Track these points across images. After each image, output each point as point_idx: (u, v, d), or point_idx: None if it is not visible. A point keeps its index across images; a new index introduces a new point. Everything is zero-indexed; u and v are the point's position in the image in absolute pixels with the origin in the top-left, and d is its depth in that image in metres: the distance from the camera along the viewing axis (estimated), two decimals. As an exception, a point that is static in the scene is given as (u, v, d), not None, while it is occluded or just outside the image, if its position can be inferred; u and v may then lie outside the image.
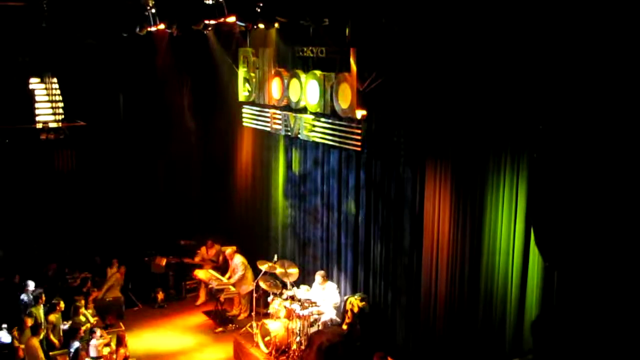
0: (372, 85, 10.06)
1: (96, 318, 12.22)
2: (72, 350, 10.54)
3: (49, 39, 15.18)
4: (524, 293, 8.04)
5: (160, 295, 14.23)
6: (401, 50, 9.56)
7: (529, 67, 7.62)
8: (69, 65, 16.53)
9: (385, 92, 10.16)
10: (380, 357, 9.60)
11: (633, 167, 6.54)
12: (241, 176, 15.27)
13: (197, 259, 14.53)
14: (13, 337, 10.77)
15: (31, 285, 12.14)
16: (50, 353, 10.84)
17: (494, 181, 8.40)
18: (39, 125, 16.68)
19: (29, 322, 10.87)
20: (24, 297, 11.92)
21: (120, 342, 10.64)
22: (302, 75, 11.79)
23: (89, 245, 15.61)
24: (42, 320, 11.28)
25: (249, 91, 13.60)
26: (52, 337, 11.31)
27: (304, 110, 11.95)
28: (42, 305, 11.65)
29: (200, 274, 13.79)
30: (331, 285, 11.55)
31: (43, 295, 11.79)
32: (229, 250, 13.61)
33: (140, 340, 12.50)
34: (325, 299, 11.35)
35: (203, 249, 14.64)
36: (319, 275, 11.52)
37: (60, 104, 17.46)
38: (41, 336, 10.77)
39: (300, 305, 11.13)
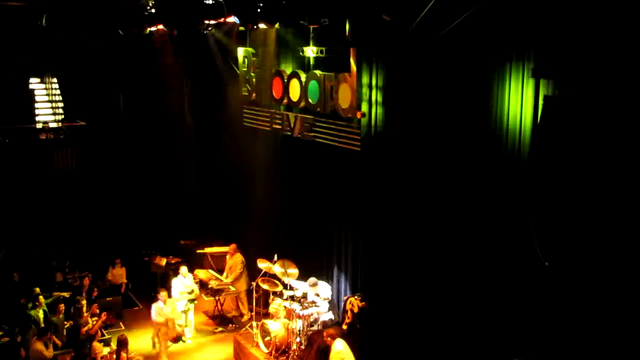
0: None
1: (95, 318, 12.22)
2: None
3: (49, 39, 15.21)
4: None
5: (160, 295, 14.22)
6: (401, 50, 9.56)
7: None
8: (69, 65, 16.56)
9: (385, 92, 10.16)
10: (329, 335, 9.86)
11: (633, 167, 6.54)
12: (241, 176, 15.26)
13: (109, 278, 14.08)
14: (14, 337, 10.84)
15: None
16: (52, 353, 10.86)
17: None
18: (39, 125, 16.72)
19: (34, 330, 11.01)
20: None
21: (122, 344, 10.62)
22: (302, 75, 11.79)
23: (89, 245, 15.63)
24: (41, 323, 11.32)
25: (249, 91, 13.60)
26: (54, 337, 11.32)
27: (304, 110, 11.95)
28: (41, 309, 11.68)
29: (201, 273, 13.79)
30: (322, 286, 11.61)
31: (41, 298, 11.82)
32: (231, 247, 13.61)
33: (140, 340, 12.51)
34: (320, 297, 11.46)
35: (110, 269, 14.17)
36: (309, 285, 11.55)
37: (60, 104, 17.49)
38: (45, 338, 10.79)
39: (300, 305, 11.15)
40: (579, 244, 7.10)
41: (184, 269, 12.95)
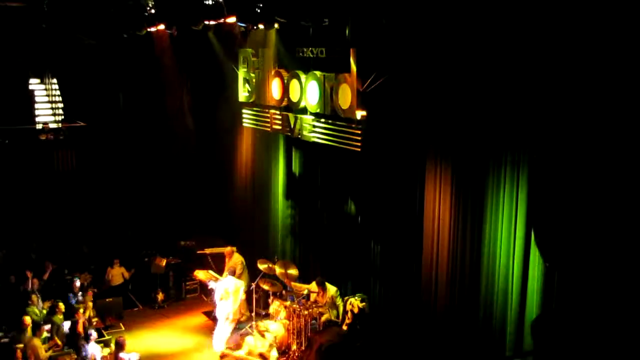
0: (373, 86, 10.04)
1: (96, 319, 12.21)
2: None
3: (49, 39, 15.21)
4: (524, 295, 8.02)
5: (160, 296, 14.22)
6: (401, 50, 9.55)
7: (530, 67, 7.62)
8: (69, 65, 16.57)
9: (385, 93, 10.14)
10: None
11: (632, 168, 6.53)
12: (241, 177, 15.26)
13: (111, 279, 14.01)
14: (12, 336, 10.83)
15: None
16: (52, 354, 10.85)
17: (495, 182, 8.38)
18: (39, 126, 16.74)
19: (28, 320, 10.92)
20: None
21: (121, 347, 10.59)
22: (302, 76, 11.77)
23: (88, 245, 15.61)
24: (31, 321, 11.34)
25: (249, 92, 13.58)
26: (55, 338, 11.31)
27: (304, 110, 11.94)
28: (35, 307, 11.67)
29: (200, 274, 13.75)
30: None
31: (33, 296, 11.81)
32: (228, 249, 13.59)
33: (140, 340, 12.49)
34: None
35: (108, 269, 14.03)
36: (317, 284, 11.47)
37: (60, 105, 17.51)
38: (43, 336, 10.78)
39: (301, 305, 11.14)
40: (578, 245, 7.09)
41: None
